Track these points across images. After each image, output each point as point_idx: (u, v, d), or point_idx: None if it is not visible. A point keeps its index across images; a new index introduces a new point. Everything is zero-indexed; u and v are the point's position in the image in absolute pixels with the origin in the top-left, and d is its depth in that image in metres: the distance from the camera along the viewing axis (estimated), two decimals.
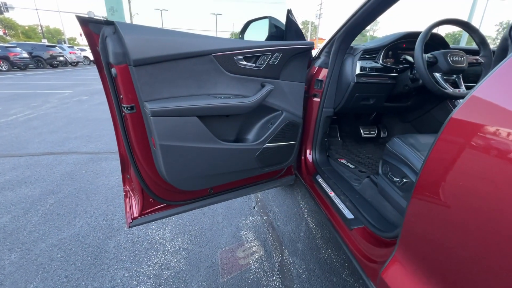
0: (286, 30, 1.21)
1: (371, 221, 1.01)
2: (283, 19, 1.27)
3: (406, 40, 1.34)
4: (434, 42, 1.33)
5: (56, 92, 6.47)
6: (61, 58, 14.03)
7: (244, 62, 1.06)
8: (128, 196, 1.21)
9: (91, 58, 17.69)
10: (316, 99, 1.45)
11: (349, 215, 1.13)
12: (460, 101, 0.55)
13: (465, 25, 1.11)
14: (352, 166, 1.54)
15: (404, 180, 1.00)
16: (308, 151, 1.59)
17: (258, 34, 1.35)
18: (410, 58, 1.22)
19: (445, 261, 0.53)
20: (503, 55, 0.51)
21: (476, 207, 0.46)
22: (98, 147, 2.94)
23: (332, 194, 1.29)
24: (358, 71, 1.28)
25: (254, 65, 1.08)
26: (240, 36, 1.44)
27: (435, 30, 1.18)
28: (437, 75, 1.12)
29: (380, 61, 1.32)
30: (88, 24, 0.82)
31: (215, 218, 1.74)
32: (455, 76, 1.15)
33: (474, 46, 1.27)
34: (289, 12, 1.15)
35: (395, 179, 1.06)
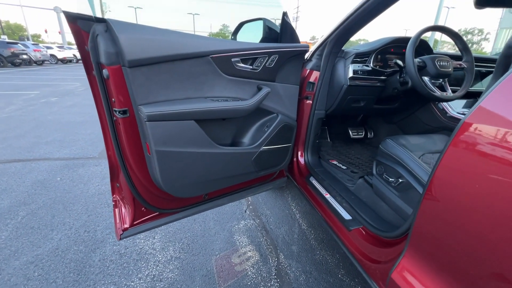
0: (281, 32, 1.20)
1: (369, 221, 1.03)
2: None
3: (394, 45, 1.39)
4: (418, 46, 1.39)
5: (21, 93, 5.95)
6: (24, 56, 12.93)
7: (241, 64, 1.03)
8: (118, 205, 1.12)
9: (59, 56, 16.72)
10: (308, 101, 1.46)
11: (346, 216, 1.14)
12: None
13: (450, 32, 1.18)
14: (344, 167, 1.57)
15: (400, 181, 1.04)
16: (300, 153, 1.59)
17: (251, 35, 1.34)
18: (400, 62, 1.28)
19: (459, 258, 0.55)
20: (506, 61, 0.54)
21: (491, 209, 0.47)
22: (73, 152, 2.74)
23: (327, 196, 1.30)
24: (351, 74, 1.31)
25: (251, 67, 1.07)
26: (233, 37, 1.41)
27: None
28: (426, 78, 1.17)
29: (371, 64, 1.36)
30: (77, 21, 0.75)
31: (206, 224, 1.69)
32: (441, 80, 1.21)
33: (445, 51, 1.36)
34: (284, 14, 1.15)
35: (390, 179, 1.09)
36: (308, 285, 1.28)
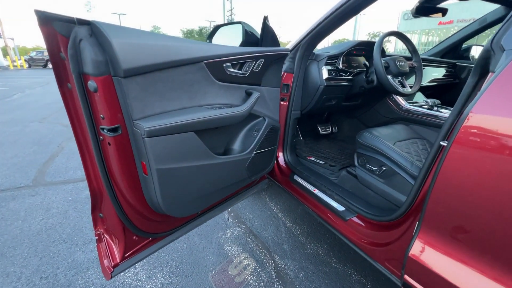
0: (262, 36, 1.20)
1: (363, 209, 1.12)
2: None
3: (357, 48, 1.55)
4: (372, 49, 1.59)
5: None
6: None
7: (232, 69, 1.01)
8: (103, 239, 0.95)
9: None
10: (284, 103, 1.50)
11: (339, 207, 1.22)
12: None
13: (403, 37, 1.38)
14: (321, 162, 1.67)
15: (383, 168, 1.16)
16: (280, 153, 1.63)
17: (228, 39, 1.30)
18: (367, 63, 1.43)
19: (469, 228, 0.65)
20: (485, 62, 0.66)
21: (494, 186, 0.58)
22: None
23: (316, 191, 1.36)
24: (326, 75, 1.40)
25: (240, 72, 1.04)
26: (208, 40, 1.35)
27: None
28: (389, 77, 1.35)
29: (340, 66, 1.48)
30: (53, 23, 0.60)
31: (190, 241, 1.57)
32: (400, 77, 1.41)
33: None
34: (265, 19, 1.15)
35: (373, 168, 1.21)
36: (308, 279, 1.32)
